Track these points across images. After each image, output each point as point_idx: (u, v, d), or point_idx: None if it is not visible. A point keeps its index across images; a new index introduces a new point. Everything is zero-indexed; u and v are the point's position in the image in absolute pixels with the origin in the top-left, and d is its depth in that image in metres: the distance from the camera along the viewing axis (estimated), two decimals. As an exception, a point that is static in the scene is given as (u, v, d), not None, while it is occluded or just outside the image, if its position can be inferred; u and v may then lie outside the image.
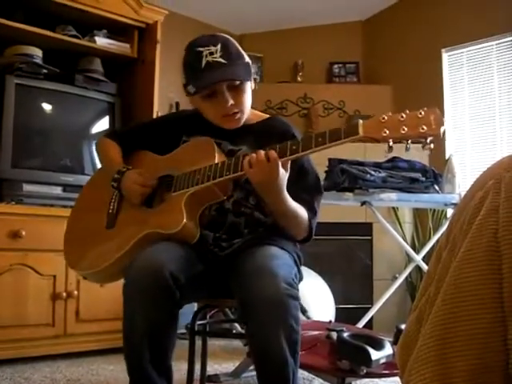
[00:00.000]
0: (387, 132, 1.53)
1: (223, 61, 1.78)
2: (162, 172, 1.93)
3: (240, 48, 1.87)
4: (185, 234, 1.76)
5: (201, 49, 1.79)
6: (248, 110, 1.91)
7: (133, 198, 1.90)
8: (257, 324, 1.59)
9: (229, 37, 1.88)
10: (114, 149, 2.05)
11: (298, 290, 1.65)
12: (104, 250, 1.87)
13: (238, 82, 1.82)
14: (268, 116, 2.05)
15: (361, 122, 1.57)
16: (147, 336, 1.63)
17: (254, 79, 1.93)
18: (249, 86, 1.89)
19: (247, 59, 1.89)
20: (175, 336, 1.71)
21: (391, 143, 1.55)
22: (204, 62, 1.77)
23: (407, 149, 1.55)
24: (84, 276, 2.00)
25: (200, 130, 1.94)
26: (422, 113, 1.50)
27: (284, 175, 1.67)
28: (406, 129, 1.50)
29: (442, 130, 1.48)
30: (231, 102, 1.81)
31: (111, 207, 1.97)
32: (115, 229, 1.92)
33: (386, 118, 1.55)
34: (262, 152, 1.64)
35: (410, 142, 1.53)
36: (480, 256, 0.89)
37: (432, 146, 1.50)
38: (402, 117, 1.52)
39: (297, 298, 1.63)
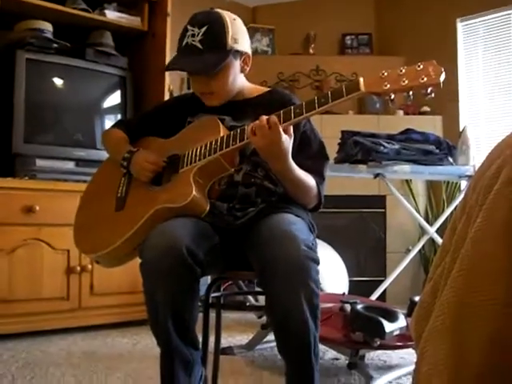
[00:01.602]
0: (388, 85, 1.55)
1: (199, 46, 1.81)
2: (169, 153, 1.93)
3: (231, 32, 1.84)
4: (194, 207, 1.75)
5: (189, 27, 1.85)
6: (227, 90, 1.90)
7: (143, 176, 1.90)
8: (277, 288, 1.58)
9: (226, 17, 1.85)
10: (121, 135, 2.06)
11: (317, 253, 1.65)
12: (114, 231, 1.86)
13: None
14: (268, 89, 2.06)
15: (361, 79, 1.59)
16: (170, 311, 1.63)
17: (245, 58, 1.91)
18: (230, 67, 1.87)
19: (231, 46, 1.84)
20: (197, 308, 1.71)
21: (392, 96, 1.58)
22: (184, 43, 1.85)
23: (409, 99, 1.59)
24: (96, 260, 1.99)
25: (203, 109, 1.96)
26: (421, 66, 1.54)
27: (288, 140, 1.67)
28: (406, 81, 1.53)
29: (441, 78, 1.50)
30: (197, 86, 1.91)
31: (119, 191, 1.96)
32: (125, 210, 1.92)
33: (385, 73, 1.57)
34: (264, 118, 1.65)
35: (411, 93, 1.56)
36: (496, 226, 0.88)
37: (433, 95, 1.53)
38: (401, 71, 1.56)
39: (317, 262, 1.62)
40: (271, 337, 2.90)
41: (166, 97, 3.77)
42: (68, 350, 2.87)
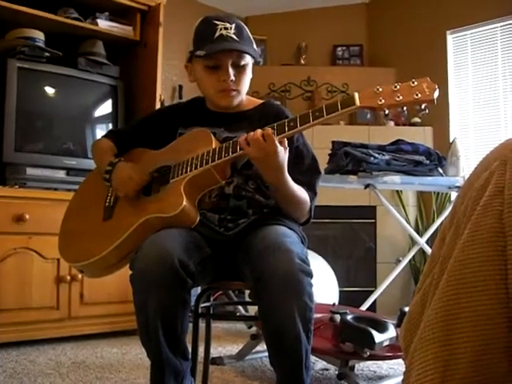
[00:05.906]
0: (383, 101, 1.57)
1: (236, 38, 1.83)
2: (160, 164, 1.92)
3: (251, 36, 1.92)
4: (184, 217, 1.74)
5: (217, 22, 1.84)
6: (244, 92, 1.93)
7: (122, 192, 1.88)
8: (271, 301, 1.58)
9: (242, 23, 1.92)
10: (108, 146, 2.05)
11: (310, 266, 1.64)
12: (101, 241, 1.85)
13: (242, 63, 1.86)
14: (262, 101, 2.06)
15: (356, 93, 1.61)
16: (160, 322, 1.62)
17: (257, 63, 1.95)
18: (250, 70, 1.92)
19: (255, 46, 1.93)
20: (187, 319, 1.70)
21: (387, 111, 1.59)
22: (217, 34, 1.82)
23: (404, 114, 1.63)
24: (81, 269, 1.96)
25: (196, 121, 1.95)
26: (415, 82, 1.56)
27: (283, 152, 1.68)
28: (400, 97, 1.56)
29: (435, 95, 1.53)
30: (232, 77, 1.84)
31: (108, 200, 1.95)
32: (113, 220, 1.90)
33: (380, 88, 1.59)
34: (259, 130, 1.66)
35: (405, 109, 1.59)
36: (485, 237, 0.88)
37: (427, 111, 1.56)
38: (396, 87, 1.58)
39: (310, 275, 1.62)
40: (261, 347, 2.90)
41: (157, 106, 3.77)
42: (57, 359, 2.86)
